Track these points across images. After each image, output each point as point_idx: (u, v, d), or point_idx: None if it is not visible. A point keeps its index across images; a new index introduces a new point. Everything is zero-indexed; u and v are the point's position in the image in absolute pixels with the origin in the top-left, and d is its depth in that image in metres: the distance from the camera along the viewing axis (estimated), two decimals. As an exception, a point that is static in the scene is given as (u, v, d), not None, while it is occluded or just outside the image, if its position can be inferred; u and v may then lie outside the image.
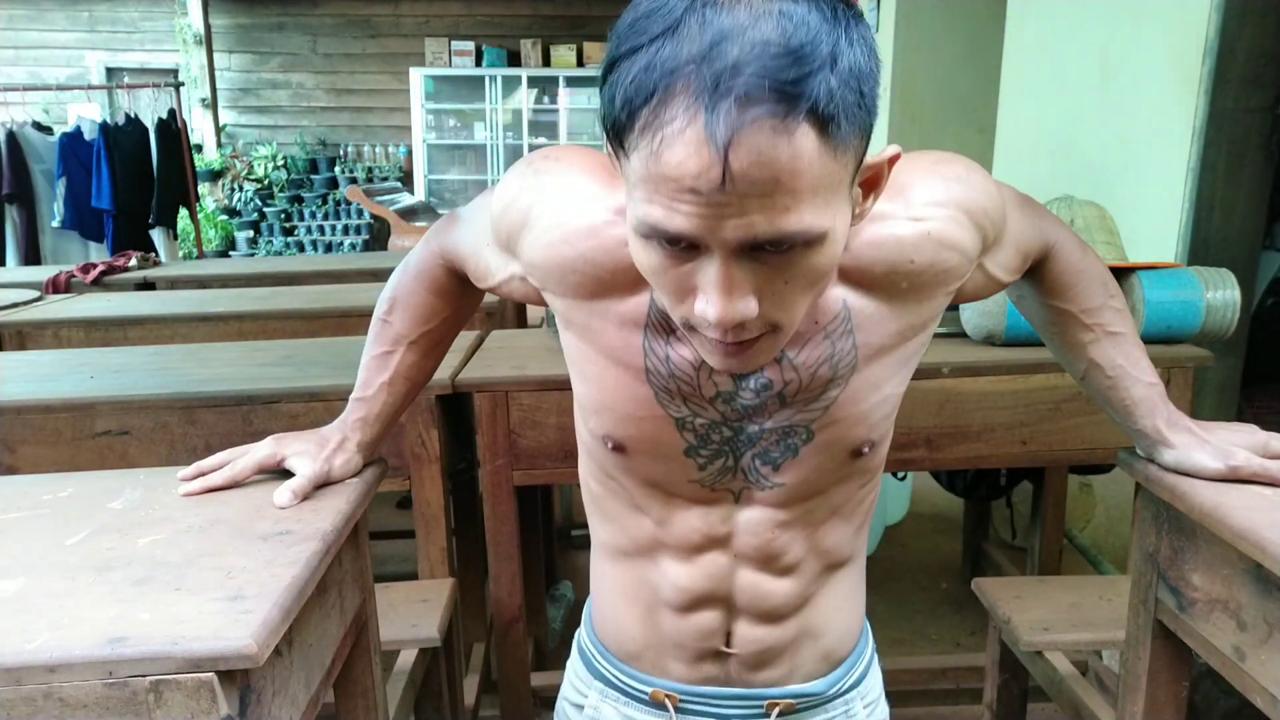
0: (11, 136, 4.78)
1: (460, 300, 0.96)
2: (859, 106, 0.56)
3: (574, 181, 0.74)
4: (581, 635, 0.96)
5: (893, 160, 0.66)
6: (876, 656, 0.96)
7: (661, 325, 0.73)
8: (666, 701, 0.87)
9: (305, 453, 0.92)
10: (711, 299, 0.59)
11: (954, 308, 1.83)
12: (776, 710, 0.86)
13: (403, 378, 0.96)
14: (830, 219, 0.59)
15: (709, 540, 0.81)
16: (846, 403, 0.75)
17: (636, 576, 0.86)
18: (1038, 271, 0.90)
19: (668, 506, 0.81)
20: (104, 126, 4.88)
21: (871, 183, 0.65)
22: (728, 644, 0.85)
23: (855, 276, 0.72)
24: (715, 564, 0.82)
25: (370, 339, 0.97)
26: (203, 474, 0.92)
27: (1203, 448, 0.91)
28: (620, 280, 0.72)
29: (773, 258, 0.59)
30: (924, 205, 0.72)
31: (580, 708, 0.94)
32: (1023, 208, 0.85)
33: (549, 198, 0.74)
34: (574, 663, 0.97)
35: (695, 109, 0.54)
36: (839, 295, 0.72)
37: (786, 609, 0.84)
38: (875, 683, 0.95)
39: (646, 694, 0.88)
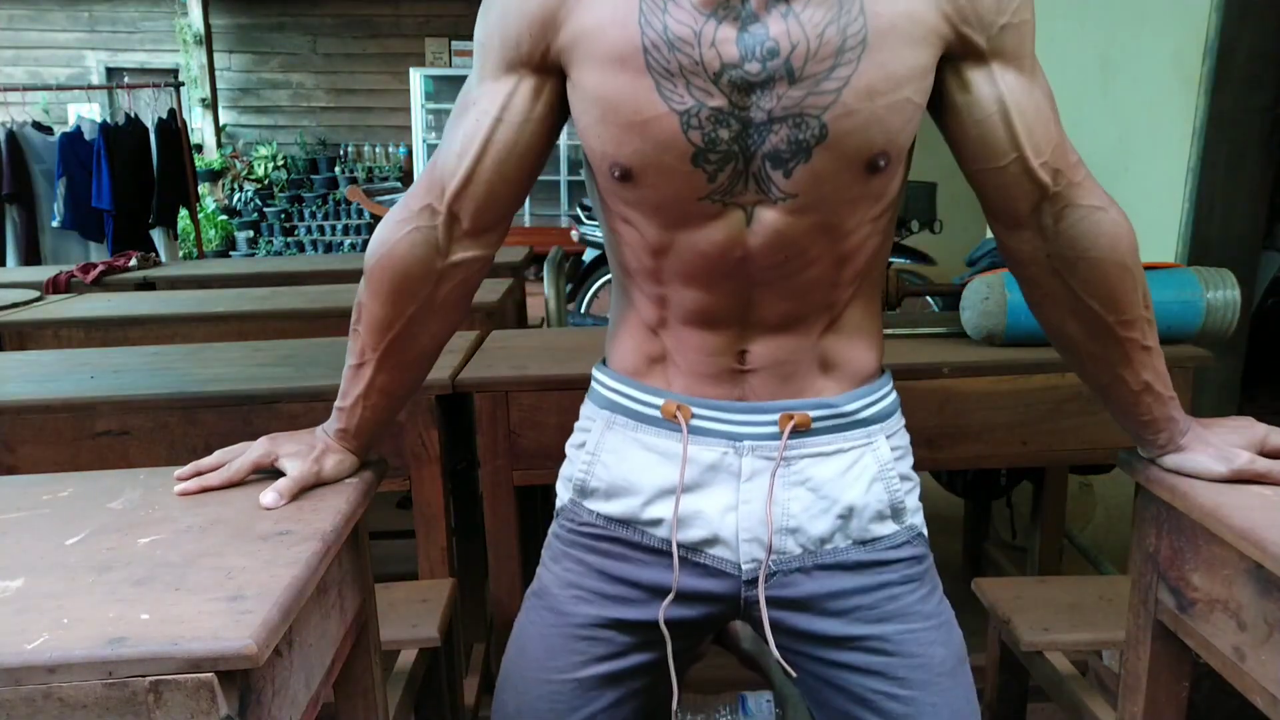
0: (11, 136, 4.78)
1: (418, 284, 0.86)
2: None
3: None
4: (594, 375, 0.93)
5: None
6: (902, 416, 0.92)
7: None
8: (678, 414, 0.84)
9: (296, 454, 0.91)
10: None
11: (955, 306, 1.83)
12: (791, 424, 0.83)
13: (379, 392, 0.90)
14: None
15: (721, 263, 0.80)
16: (859, 91, 0.73)
17: (652, 298, 0.85)
18: (1088, 234, 0.81)
19: (679, 231, 0.79)
20: (104, 126, 4.88)
21: None
22: (741, 360, 0.83)
23: None
24: (728, 285, 0.81)
25: (348, 345, 0.92)
26: (199, 474, 0.92)
27: (1205, 450, 0.91)
28: None
29: None
30: None
31: (582, 446, 0.91)
32: (1056, 110, 0.82)
33: None
34: (583, 407, 0.94)
35: None
36: None
37: (802, 326, 0.83)
38: (902, 430, 0.91)
39: (658, 408, 0.86)
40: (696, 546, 0.86)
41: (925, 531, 0.92)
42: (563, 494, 0.93)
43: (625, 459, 0.87)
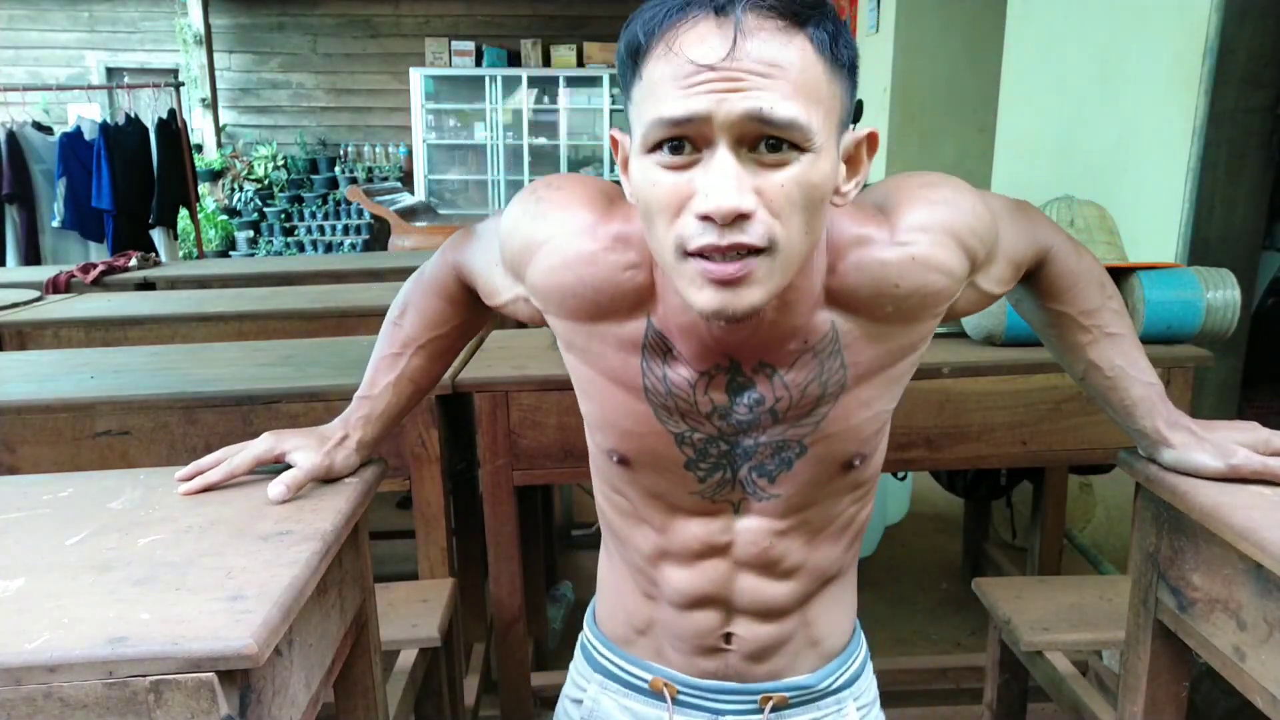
0: (11, 136, 4.78)
1: (471, 311, 0.98)
2: (846, 45, 0.65)
3: (574, 211, 0.78)
4: (584, 633, 0.99)
5: (871, 139, 0.70)
6: (870, 664, 0.98)
7: (658, 347, 0.77)
8: (665, 690, 0.89)
9: (306, 446, 0.92)
10: (712, 186, 0.62)
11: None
12: (770, 704, 0.89)
13: (408, 380, 0.97)
14: (822, 135, 0.64)
15: (710, 549, 0.84)
16: (837, 419, 0.79)
17: (641, 573, 0.89)
18: (1034, 276, 0.91)
19: (670, 517, 0.84)
20: (104, 126, 4.88)
21: (854, 163, 0.70)
22: (727, 641, 0.87)
23: (842, 299, 0.75)
24: (716, 570, 0.85)
25: (380, 342, 0.98)
26: (200, 473, 0.92)
27: (1202, 447, 0.91)
28: (618, 305, 0.76)
29: (769, 159, 0.63)
30: (909, 230, 0.75)
31: (579, 703, 0.96)
32: (1014, 218, 0.86)
33: (551, 227, 0.78)
34: (575, 661, 0.99)
35: (708, 12, 0.63)
36: (827, 317, 0.76)
37: (784, 610, 0.87)
38: (869, 686, 0.97)
39: (646, 682, 0.91)
40: None
41: None
42: None
43: None
